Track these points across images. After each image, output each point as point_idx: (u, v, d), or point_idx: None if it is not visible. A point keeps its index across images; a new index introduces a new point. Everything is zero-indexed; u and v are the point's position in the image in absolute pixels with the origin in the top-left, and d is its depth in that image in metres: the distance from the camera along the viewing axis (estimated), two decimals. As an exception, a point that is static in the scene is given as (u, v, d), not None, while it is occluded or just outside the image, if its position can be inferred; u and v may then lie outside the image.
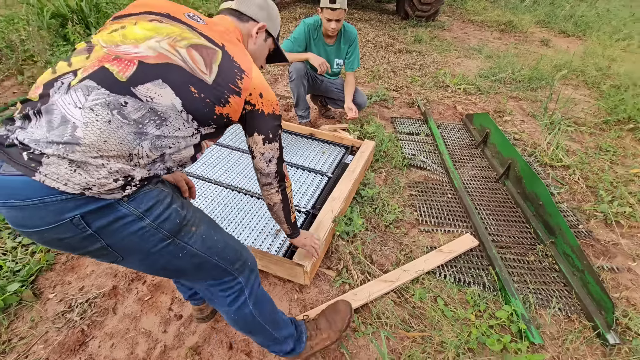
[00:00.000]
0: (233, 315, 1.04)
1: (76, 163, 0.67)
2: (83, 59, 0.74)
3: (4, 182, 0.66)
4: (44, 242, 0.74)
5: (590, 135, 3.02)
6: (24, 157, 0.66)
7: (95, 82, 0.71)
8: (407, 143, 2.71)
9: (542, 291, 1.67)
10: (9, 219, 0.70)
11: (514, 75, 4.03)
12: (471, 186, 2.31)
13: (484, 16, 6.73)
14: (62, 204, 0.67)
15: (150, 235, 0.77)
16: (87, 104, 0.69)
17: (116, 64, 0.73)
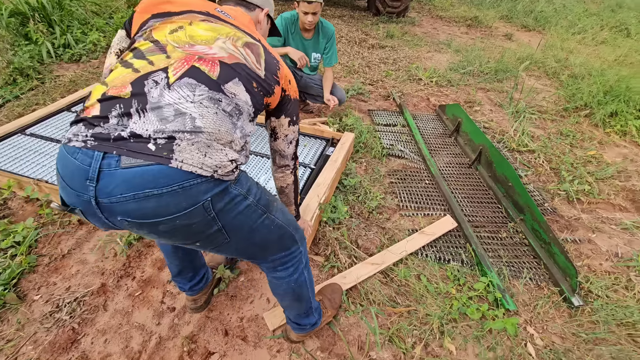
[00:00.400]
0: (293, 284, 1.11)
1: (204, 148, 0.73)
2: (164, 58, 0.79)
3: (136, 174, 0.67)
4: (167, 233, 0.76)
5: (552, 122, 3.24)
6: (151, 148, 0.68)
7: (195, 80, 0.77)
8: (385, 134, 2.81)
9: (514, 264, 1.80)
10: (137, 211, 0.69)
11: (481, 67, 4.23)
12: (447, 172, 2.44)
13: (451, 12, 6.99)
14: (197, 187, 0.71)
15: (252, 212, 0.86)
16: (197, 99, 0.75)
17: (204, 63, 0.79)
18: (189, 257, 1.27)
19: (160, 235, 0.77)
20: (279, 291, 1.15)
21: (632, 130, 3.07)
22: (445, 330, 1.48)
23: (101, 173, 0.68)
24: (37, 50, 3.50)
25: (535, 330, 1.52)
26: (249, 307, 1.53)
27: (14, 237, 1.69)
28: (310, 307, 1.26)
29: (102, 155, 0.68)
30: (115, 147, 0.68)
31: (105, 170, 0.68)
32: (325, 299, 1.45)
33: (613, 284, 1.74)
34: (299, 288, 1.14)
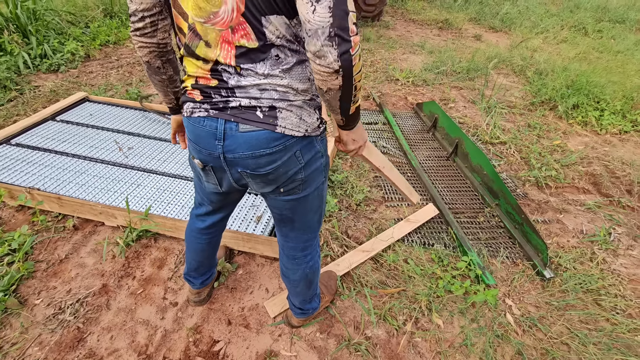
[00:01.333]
0: (308, 270, 1.22)
1: (299, 111, 0.86)
2: (204, 48, 0.81)
3: (251, 137, 0.84)
4: (271, 179, 0.92)
5: (520, 116, 3.47)
6: (259, 116, 0.83)
7: (248, 61, 0.80)
8: (368, 132, 2.95)
9: (492, 244, 1.96)
10: (251, 165, 0.88)
11: (454, 67, 4.46)
12: (426, 165, 2.59)
13: (423, 15, 7.28)
14: (293, 144, 0.88)
15: (321, 172, 1.00)
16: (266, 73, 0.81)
17: (240, 38, 0.77)
18: (212, 256, 1.39)
19: (268, 182, 0.94)
20: (294, 277, 1.24)
21: (592, 120, 3.33)
22: (433, 307, 1.60)
23: (225, 134, 0.86)
24: (13, 61, 3.45)
25: (513, 302, 1.67)
26: (249, 298, 1.60)
27: (9, 244, 1.70)
28: (316, 293, 1.37)
29: (224, 121, 0.85)
30: (232, 115, 0.84)
31: (228, 132, 0.85)
32: (322, 286, 1.54)
33: (579, 257, 1.92)
34: (312, 274, 1.25)
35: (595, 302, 1.69)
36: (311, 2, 0.66)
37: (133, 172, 2.13)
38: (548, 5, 8.62)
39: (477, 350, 1.46)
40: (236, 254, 1.79)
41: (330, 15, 0.65)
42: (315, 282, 1.30)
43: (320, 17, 0.66)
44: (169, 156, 2.32)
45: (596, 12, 7.86)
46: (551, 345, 1.50)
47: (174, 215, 1.86)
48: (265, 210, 1.94)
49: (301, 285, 1.26)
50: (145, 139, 2.45)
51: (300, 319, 1.45)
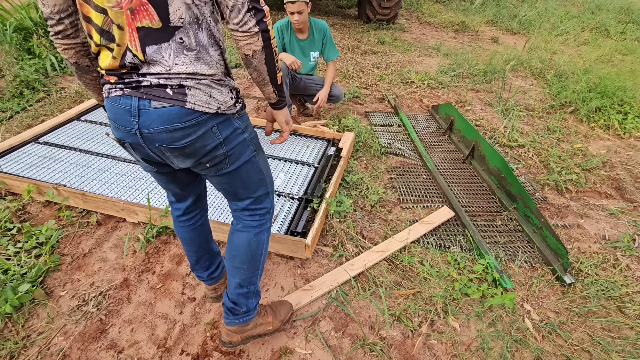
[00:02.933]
0: (252, 240, 1.20)
1: (208, 89, 0.91)
2: (118, 32, 0.84)
3: (163, 113, 0.89)
4: (188, 153, 0.96)
5: (539, 119, 3.41)
6: (169, 93, 0.88)
7: (152, 43, 0.84)
8: (382, 134, 2.95)
9: (509, 248, 1.93)
10: (167, 139, 0.92)
11: (470, 70, 4.41)
12: (442, 167, 2.57)
13: (438, 18, 7.23)
14: (207, 120, 0.93)
15: (246, 147, 1.05)
16: (171, 62, 0.87)
17: (142, 17, 0.81)
18: (206, 244, 1.36)
19: (186, 155, 0.97)
20: (237, 242, 1.20)
21: (615, 123, 3.24)
22: (449, 309, 1.59)
23: (140, 111, 0.89)
24: (41, 63, 3.60)
25: (531, 307, 1.64)
26: (265, 295, 1.62)
27: (37, 238, 1.77)
28: (254, 284, 1.24)
29: (137, 99, 0.88)
30: (145, 93, 0.88)
31: (142, 109, 0.89)
32: (269, 308, 1.42)
33: (601, 263, 1.87)
34: (256, 246, 1.21)
35: (619, 309, 1.64)
36: None
37: (153, 171, 2.19)
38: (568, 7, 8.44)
39: (495, 355, 1.44)
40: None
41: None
42: (256, 267, 1.23)
43: None
44: (188, 156, 2.37)
45: (619, 14, 7.64)
46: (572, 352, 1.46)
47: (193, 213, 1.90)
48: (281, 210, 1.96)
49: (240, 258, 1.20)
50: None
51: (229, 330, 1.26)
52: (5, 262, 1.65)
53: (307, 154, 2.49)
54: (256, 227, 1.21)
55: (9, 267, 1.63)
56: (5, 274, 1.60)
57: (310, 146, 2.58)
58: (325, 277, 1.67)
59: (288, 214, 1.95)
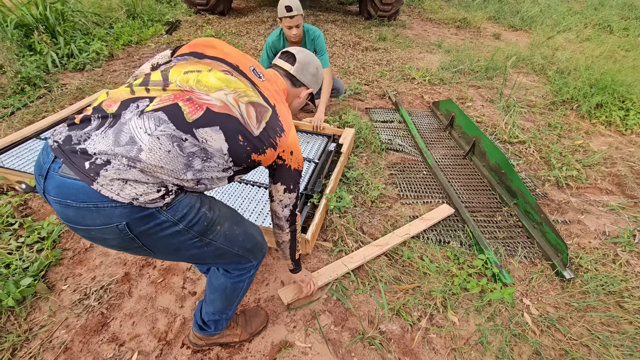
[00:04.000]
0: (230, 285, 1.18)
1: (129, 179, 0.78)
2: (160, 90, 0.88)
3: (64, 184, 0.78)
4: (89, 238, 0.86)
5: (540, 115, 3.40)
6: (85, 165, 0.77)
7: (167, 116, 0.83)
8: (383, 130, 2.95)
9: (509, 244, 1.93)
10: (61, 214, 0.82)
11: (471, 66, 4.40)
12: (443, 163, 2.57)
13: (440, 14, 7.19)
14: (112, 210, 0.78)
15: (182, 236, 0.90)
16: (156, 133, 0.81)
17: (188, 105, 0.86)
18: None
19: (94, 241, 0.87)
20: (215, 283, 1.20)
21: (617, 120, 3.23)
22: (448, 304, 1.59)
23: (48, 173, 0.80)
24: (42, 60, 3.61)
25: (530, 301, 1.64)
26: (265, 289, 1.63)
27: (39, 233, 1.78)
28: (227, 314, 1.28)
29: (53, 158, 0.80)
30: (64, 156, 0.78)
31: (51, 172, 0.80)
32: (242, 318, 1.44)
33: (601, 258, 1.87)
34: (233, 291, 1.21)
35: (618, 304, 1.64)
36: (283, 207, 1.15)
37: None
38: (571, 3, 8.39)
39: (493, 349, 1.44)
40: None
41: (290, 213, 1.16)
42: (231, 304, 1.25)
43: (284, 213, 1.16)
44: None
45: (622, 10, 7.59)
46: (570, 346, 1.47)
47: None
48: (281, 205, 1.97)
49: (217, 295, 1.21)
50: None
51: (196, 336, 1.34)
52: (8, 257, 1.66)
53: (307, 150, 2.49)
54: (236, 277, 1.18)
55: (11, 261, 1.64)
56: (7, 268, 1.61)
57: (311, 142, 2.58)
58: (324, 270, 1.67)
59: (288, 209, 1.95)
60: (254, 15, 6.30)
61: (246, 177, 2.16)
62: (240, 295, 1.25)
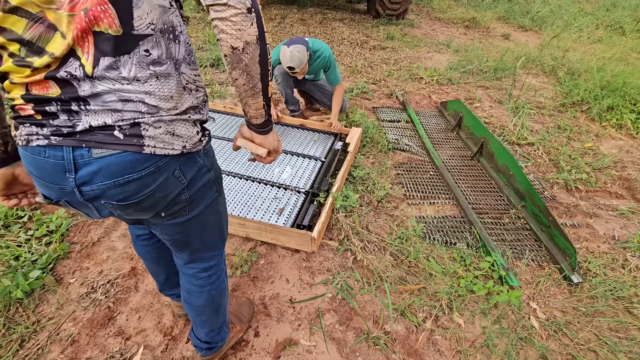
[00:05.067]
0: (214, 291, 1.07)
1: (169, 126, 0.71)
2: (60, 39, 0.61)
3: (112, 162, 0.67)
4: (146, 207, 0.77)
5: (550, 117, 3.36)
6: (118, 136, 0.66)
7: (109, 54, 0.63)
8: (390, 129, 2.93)
9: (516, 247, 1.91)
10: (120, 194, 0.71)
11: (480, 66, 4.36)
12: (450, 164, 2.55)
13: (449, 14, 7.14)
14: (169, 164, 0.74)
15: (210, 188, 0.88)
16: (130, 75, 0.65)
17: (99, 21, 0.61)
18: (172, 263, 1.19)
19: (142, 210, 0.78)
20: (198, 302, 1.07)
21: (628, 123, 3.18)
22: (454, 306, 1.58)
23: (77, 164, 0.67)
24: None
25: (537, 305, 1.62)
26: (270, 287, 1.63)
27: (47, 226, 1.80)
28: (225, 321, 1.20)
29: (71, 148, 0.66)
30: (82, 140, 0.66)
31: (79, 161, 0.67)
32: (232, 315, 1.38)
33: (610, 263, 1.85)
34: (219, 296, 1.10)
35: (627, 310, 1.62)
36: None
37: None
38: (582, 3, 8.27)
39: (499, 352, 1.43)
40: (259, 244, 1.83)
41: None
42: (223, 306, 1.14)
43: None
44: (196, 148, 2.38)
45: (635, 11, 7.46)
46: (577, 351, 1.45)
47: (200, 205, 1.91)
48: (287, 203, 1.97)
49: (207, 311, 1.10)
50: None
51: (206, 357, 1.24)
52: (17, 249, 1.68)
53: (314, 148, 2.48)
54: (215, 280, 1.07)
55: (20, 254, 1.66)
56: (16, 260, 1.63)
57: (318, 140, 2.57)
58: (331, 271, 1.67)
59: (294, 207, 1.95)
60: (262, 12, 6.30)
61: (252, 174, 2.17)
62: (225, 294, 1.14)
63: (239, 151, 2.35)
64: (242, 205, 1.93)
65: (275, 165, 2.27)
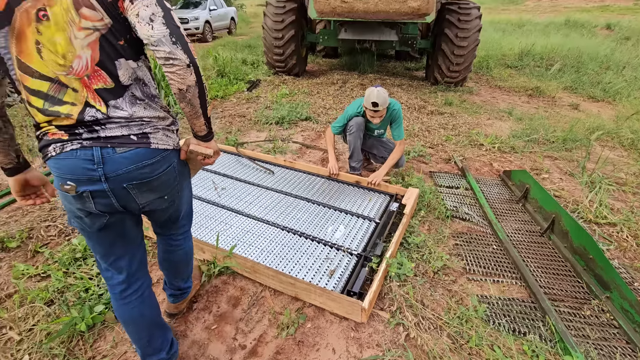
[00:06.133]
0: (188, 249, 1.50)
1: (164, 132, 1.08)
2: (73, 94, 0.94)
3: (131, 155, 1.01)
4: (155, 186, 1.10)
5: (633, 195, 3.01)
6: (133, 139, 1.01)
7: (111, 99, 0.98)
8: (448, 196, 2.83)
9: (603, 347, 1.62)
10: (137, 176, 1.03)
11: (547, 136, 4.17)
12: (516, 239, 2.35)
13: (510, 82, 7.11)
14: (169, 155, 1.11)
15: (184, 173, 1.23)
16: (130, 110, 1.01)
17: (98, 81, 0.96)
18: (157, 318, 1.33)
19: (152, 189, 1.10)
20: (176, 258, 1.46)
21: None
22: (526, 412, 1.35)
23: (104, 158, 0.97)
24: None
25: None
26: (315, 355, 1.55)
27: (117, 262, 1.94)
28: (191, 272, 1.62)
29: (99, 148, 0.97)
30: (108, 142, 0.98)
31: (106, 156, 0.97)
32: None
33: None
34: (191, 251, 1.53)
35: None
36: (148, 23, 0.91)
37: (223, 211, 2.34)
38: (662, 75, 7.76)
39: None
40: (307, 305, 1.78)
41: (166, 27, 0.92)
42: (192, 260, 1.56)
43: (159, 30, 0.91)
44: (255, 199, 2.51)
45: None
46: None
47: (254, 258, 1.95)
48: (339, 265, 1.93)
49: (182, 263, 1.50)
50: (237, 181, 2.71)
51: (177, 304, 1.64)
52: (88, 281, 1.82)
53: (368, 208, 2.47)
54: (188, 240, 1.50)
55: (90, 286, 1.79)
56: (86, 292, 1.76)
57: (372, 200, 2.56)
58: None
59: (345, 270, 1.90)
60: (324, 77, 6.84)
61: (307, 230, 2.19)
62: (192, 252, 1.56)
63: (298, 205, 2.42)
64: (293, 263, 1.93)
65: (328, 223, 2.28)
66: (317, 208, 2.44)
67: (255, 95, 5.35)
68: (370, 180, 2.65)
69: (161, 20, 0.91)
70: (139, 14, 0.90)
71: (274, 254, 1.99)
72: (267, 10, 6.06)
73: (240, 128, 4.16)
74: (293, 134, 4.13)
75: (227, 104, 5.02)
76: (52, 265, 1.98)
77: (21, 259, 2.08)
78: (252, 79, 6.27)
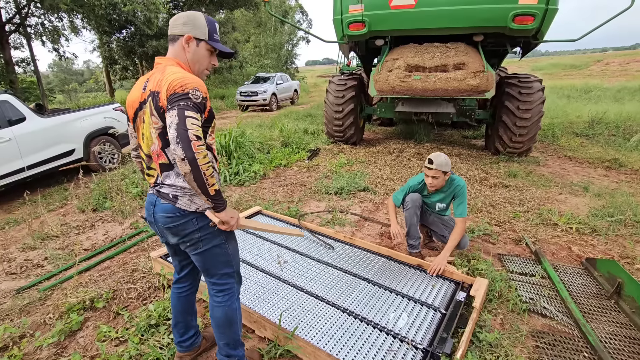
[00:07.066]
0: (227, 309, 1.61)
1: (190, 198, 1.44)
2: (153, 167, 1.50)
3: (165, 206, 1.46)
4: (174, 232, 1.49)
5: None
6: (170, 197, 1.45)
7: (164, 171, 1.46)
8: (522, 284, 2.59)
9: None
10: (162, 222, 1.48)
11: (635, 216, 3.73)
12: (613, 346, 2.02)
13: (581, 152, 6.66)
14: (188, 214, 1.45)
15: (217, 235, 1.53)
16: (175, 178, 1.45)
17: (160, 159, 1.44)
18: (185, 315, 1.80)
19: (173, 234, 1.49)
20: (218, 314, 1.61)
21: None
22: None
23: (155, 203, 1.50)
24: (218, 176, 4.70)
25: None
26: None
27: (186, 333, 2.04)
28: (238, 340, 1.68)
29: (155, 196, 1.50)
30: (159, 194, 1.49)
31: (156, 202, 1.49)
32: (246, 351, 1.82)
33: None
34: (232, 313, 1.62)
35: None
36: (169, 127, 1.26)
37: (285, 286, 2.39)
38: None
39: None
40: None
41: (175, 132, 1.24)
42: (235, 324, 1.64)
43: (171, 134, 1.26)
44: (316, 275, 2.53)
45: None
46: None
47: (314, 342, 1.91)
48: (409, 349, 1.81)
49: (222, 323, 1.61)
50: (298, 255, 2.79)
51: None
52: (158, 352, 1.92)
53: (432, 295, 2.34)
54: (228, 300, 1.61)
55: (159, 357, 1.88)
56: (157, 363, 1.85)
57: (437, 286, 2.44)
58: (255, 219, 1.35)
59: (411, 367, 1.77)
60: (381, 146, 7.06)
61: (368, 315, 2.12)
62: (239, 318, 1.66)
63: (359, 286, 2.39)
64: (354, 352, 1.85)
65: (390, 309, 2.19)
66: (379, 291, 2.38)
67: (315, 164, 5.66)
68: (433, 269, 2.54)
69: (174, 126, 1.25)
70: (167, 120, 1.30)
71: (335, 339, 1.94)
72: (330, 87, 6.66)
73: (301, 197, 4.36)
74: (351, 204, 4.21)
75: (289, 172, 5.36)
76: (130, 329, 2.13)
77: (104, 319, 2.28)
78: (312, 148, 6.69)
